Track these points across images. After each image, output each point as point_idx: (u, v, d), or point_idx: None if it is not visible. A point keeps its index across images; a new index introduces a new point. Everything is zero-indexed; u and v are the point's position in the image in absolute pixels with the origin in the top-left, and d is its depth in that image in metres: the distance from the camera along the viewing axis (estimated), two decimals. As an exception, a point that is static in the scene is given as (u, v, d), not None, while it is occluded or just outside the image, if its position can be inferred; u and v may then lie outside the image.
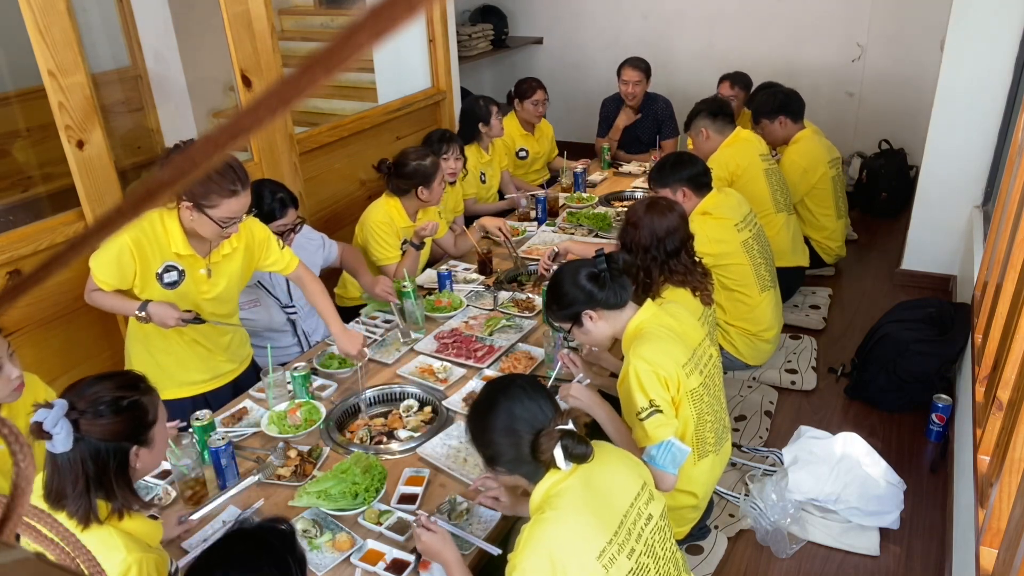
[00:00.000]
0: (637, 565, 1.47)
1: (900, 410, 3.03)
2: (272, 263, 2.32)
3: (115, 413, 1.36)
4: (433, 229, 2.99)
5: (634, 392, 1.86)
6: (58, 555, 0.50)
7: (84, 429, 1.32)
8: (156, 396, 1.47)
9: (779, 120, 3.89)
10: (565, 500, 1.45)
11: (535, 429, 1.49)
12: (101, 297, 2.13)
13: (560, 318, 2.03)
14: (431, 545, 1.58)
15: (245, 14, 3.05)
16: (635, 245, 2.32)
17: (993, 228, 3.06)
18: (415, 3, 0.25)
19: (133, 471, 1.41)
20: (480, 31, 5.86)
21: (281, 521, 1.29)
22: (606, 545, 1.43)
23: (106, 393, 1.37)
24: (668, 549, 1.60)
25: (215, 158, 0.29)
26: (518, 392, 1.54)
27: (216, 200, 1.99)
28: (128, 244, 2.03)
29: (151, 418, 1.43)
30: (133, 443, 1.39)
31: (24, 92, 3.88)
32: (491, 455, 1.55)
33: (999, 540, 1.71)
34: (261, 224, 2.32)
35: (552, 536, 1.41)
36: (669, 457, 1.84)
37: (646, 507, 1.56)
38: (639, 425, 1.86)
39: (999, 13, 3.46)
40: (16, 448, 0.41)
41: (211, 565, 1.21)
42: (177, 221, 2.09)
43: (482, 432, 1.55)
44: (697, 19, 5.68)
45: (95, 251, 2.08)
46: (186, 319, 2.10)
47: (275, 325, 2.70)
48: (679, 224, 2.34)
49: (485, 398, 1.58)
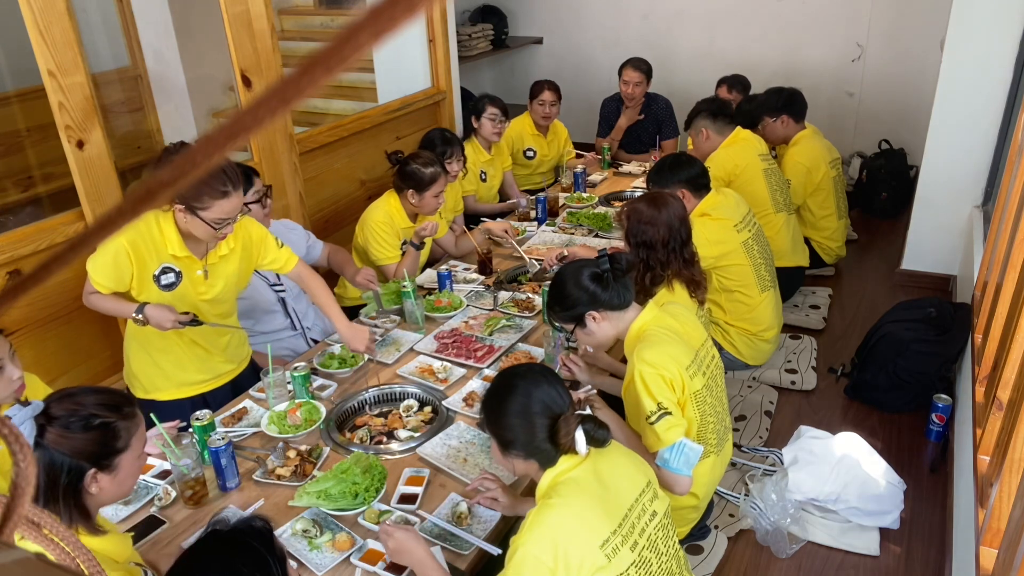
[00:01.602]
0: (640, 558, 1.47)
1: (900, 410, 3.03)
2: (271, 262, 2.32)
3: (83, 430, 1.31)
4: (433, 229, 2.99)
5: (642, 397, 1.85)
6: (58, 555, 0.50)
7: (47, 438, 1.28)
8: (137, 424, 1.41)
9: (781, 119, 3.90)
10: (572, 488, 1.46)
11: (554, 413, 1.50)
12: (99, 300, 2.12)
13: (563, 319, 2.02)
14: (399, 546, 1.56)
15: (245, 14, 3.05)
16: (654, 241, 2.31)
17: (993, 228, 3.06)
18: (415, 3, 0.25)
19: (87, 494, 1.33)
20: (480, 31, 5.86)
21: (257, 519, 1.25)
22: (610, 535, 1.43)
23: (85, 408, 1.32)
24: (671, 546, 1.60)
25: (215, 158, 0.29)
26: (537, 376, 1.55)
27: (208, 202, 1.98)
28: (124, 246, 2.03)
29: (120, 444, 1.36)
30: (93, 465, 1.32)
31: (24, 92, 3.88)
32: (508, 439, 1.54)
33: (999, 540, 1.71)
34: (258, 224, 2.32)
35: (557, 521, 1.41)
36: (683, 458, 1.83)
37: (651, 503, 1.56)
38: (649, 429, 1.85)
39: (999, 13, 3.46)
40: (16, 448, 0.41)
41: (188, 569, 1.17)
42: (173, 223, 2.09)
43: (500, 415, 1.54)
44: (697, 19, 5.68)
45: (92, 254, 2.08)
46: (183, 321, 2.10)
47: (264, 304, 2.69)
48: (684, 211, 2.39)
49: (504, 382, 1.57)
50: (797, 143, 3.89)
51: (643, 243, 2.34)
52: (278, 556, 1.20)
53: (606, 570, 1.40)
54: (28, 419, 1.25)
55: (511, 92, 6.32)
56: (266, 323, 2.72)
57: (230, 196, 2.00)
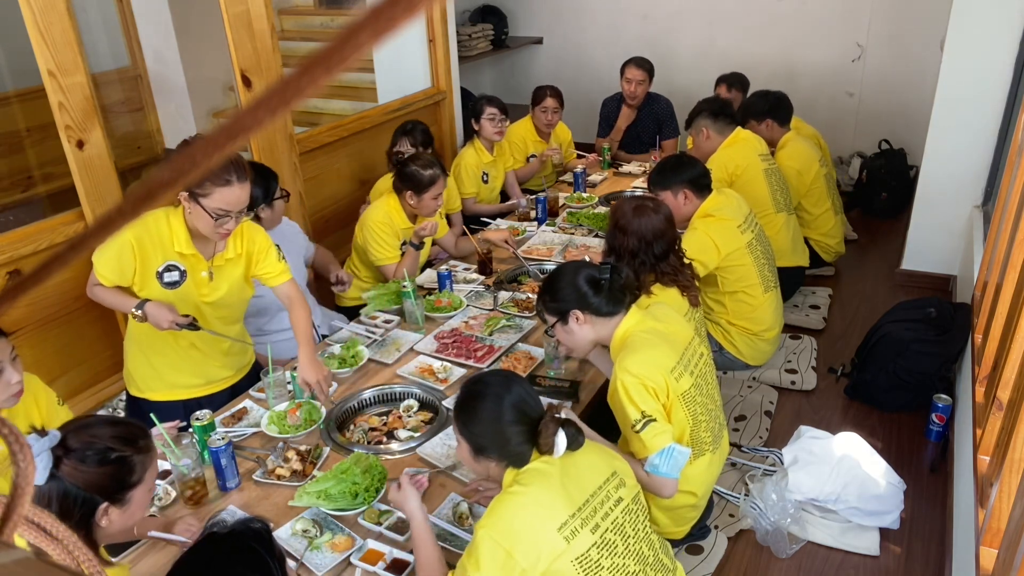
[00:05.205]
0: (602, 540, 1.52)
1: (900, 410, 3.03)
2: (265, 271, 2.25)
3: (99, 464, 1.30)
4: (433, 229, 2.99)
5: (625, 406, 1.88)
6: (58, 555, 0.50)
7: (63, 470, 1.27)
8: (151, 457, 1.40)
9: (766, 123, 3.89)
10: (533, 476, 1.52)
11: (530, 418, 1.54)
12: (102, 292, 2.13)
13: (549, 310, 2.04)
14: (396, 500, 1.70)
15: (245, 14, 3.05)
16: (623, 250, 2.32)
17: (993, 228, 3.06)
18: (415, 3, 0.25)
19: (96, 527, 1.33)
20: (480, 31, 5.86)
21: (255, 520, 1.25)
22: (568, 519, 1.48)
23: (101, 441, 1.32)
24: (640, 530, 1.63)
25: (215, 158, 0.29)
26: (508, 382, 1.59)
27: (209, 188, 1.97)
28: (130, 241, 2.03)
29: (135, 479, 1.36)
30: (106, 499, 1.32)
31: (24, 92, 3.88)
32: (482, 444, 1.57)
33: (999, 540, 1.71)
34: (265, 234, 2.30)
35: (516, 507, 1.48)
36: (672, 463, 1.86)
37: (616, 491, 1.60)
38: (636, 437, 1.87)
39: (999, 13, 3.46)
40: (16, 448, 0.41)
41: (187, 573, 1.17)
42: (182, 220, 2.09)
43: (473, 422, 1.58)
44: (697, 19, 5.68)
45: (99, 246, 2.08)
46: (180, 323, 2.09)
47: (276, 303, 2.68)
48: (666, 227, 2.34)
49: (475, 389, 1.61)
50: (784, 147, 3.89)
51: (612, 248, 2.36)
52: (277, 558, 1.20)
53: (566, 552, 1.46)
54: (45, 450, 1.24)
55: (511, 92, 6.32)
56: (277, 322, 2.73)
57: (232, 185, 1.98)
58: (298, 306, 2.28)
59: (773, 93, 3.97)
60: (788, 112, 3.94)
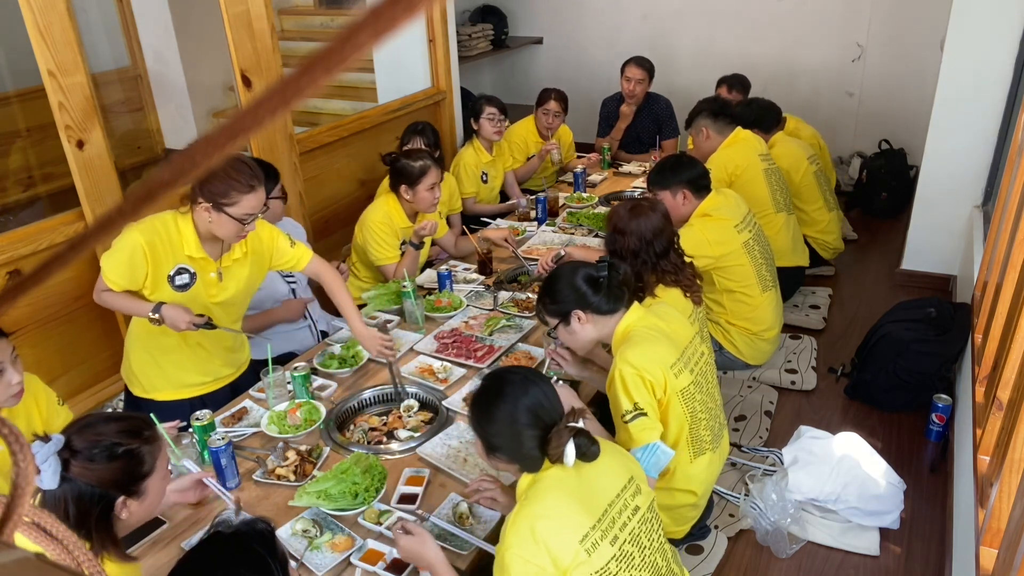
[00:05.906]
0: (620, 552, 1.48)
1: (900, 410, 3.03)
2: (286, 261, 2.32)
3: (108, 460, 1.31)
4: (432, 229, 2.99)
5: (619, 395, 1.87)
6: (58, 555, 0.50)
7: (73, 471, 1.27)
8: (159, 446, 1.41)
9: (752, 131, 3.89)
10: (550, 485, 1.48)
11: (544, 424, 1.50)
12: (111, 297, 2.11)
13: (550, 312, 2.04)
14: (410, 548, 1.57)
15: (245, 14, 3.05)
16: (624, 251, 2.32)
17: (993, 228, 3.06)
18: (415, 3, 0.25)
19: (117, 520, 1.34)
20: (480, 31, 5.86)
21: (260, 521, 1.25)
22: (589, 530, 1.44)
23: (106, 437, 1.32)
24: (656, 540, 1.60)
25: (215, 158, 0.29)
26: (528, 384, 1.54)
27: (236, 197, 1.99)
28: (142, 245, 2.03)
29: (146, 469, 1.36)
30: (122, 493, 1.33)
31: (24, 92, 3.88)
32: (495, 444, 1.54)
33: (999, 540, 1.71)
34: (268, 225, 2.31)
35: (535, 515, 1.43)
36: (653, 460, 1.85)
37: (632, 499, 1.57)
38: (624, 428, 1.87)
39: (999, 13, 3.46)
40: (16, 448, 0.41)
41: (190, 572, 1.17)
42: (191, 224, 2.09)
43: (488, 421, 1.54)
44: (697, 19, 5.68)
45: (106, 251, 2.08)
46: (198, 323, 2.10)
47: (278, 297, 2.73)
48: (664, 224, 2.34)
49: (493, 386, 1.57)
50: (773, 146, 3.89)
51: (614, 251, 2.35)
52: (280, 559, 1.20)
53: (586, 565, 1.42)
54: (51, 455, 1.24)
55: (511, 92, 6.32)
56: None
57: (256, 190, 2.02)
58: (331, 275, 2.35)
59: (758, 102, 3.98)
60: (775, 120, 3.96)
